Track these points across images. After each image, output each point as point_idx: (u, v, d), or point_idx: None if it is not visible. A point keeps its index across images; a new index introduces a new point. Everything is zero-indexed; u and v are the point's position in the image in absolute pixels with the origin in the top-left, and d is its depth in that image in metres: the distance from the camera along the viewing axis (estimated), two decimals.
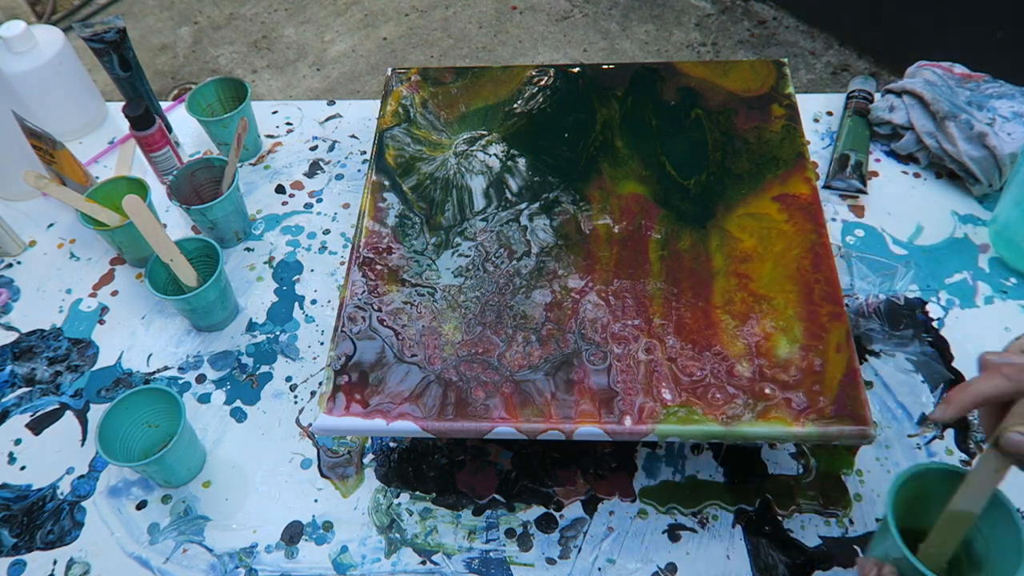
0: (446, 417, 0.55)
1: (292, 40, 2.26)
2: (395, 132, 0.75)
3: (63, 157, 0.80)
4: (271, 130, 0.93)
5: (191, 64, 2.23)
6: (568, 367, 0.57)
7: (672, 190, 0.68)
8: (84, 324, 0.77)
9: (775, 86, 0.75)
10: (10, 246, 0.83)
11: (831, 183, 0.80)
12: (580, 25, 2.19)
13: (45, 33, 0.90)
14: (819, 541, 0.59)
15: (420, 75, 0.80)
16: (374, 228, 0.68)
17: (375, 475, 0.65)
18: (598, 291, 0.61)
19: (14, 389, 0.73)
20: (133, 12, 2.40)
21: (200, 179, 0.81)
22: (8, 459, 0.68)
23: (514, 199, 0.69)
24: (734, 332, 0.58)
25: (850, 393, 0.54)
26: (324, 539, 0.62)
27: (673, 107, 0.75)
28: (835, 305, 0.59)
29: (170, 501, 0.65)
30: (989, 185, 0.77)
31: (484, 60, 2.13)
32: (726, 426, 0.53)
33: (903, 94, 0.82)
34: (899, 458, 0.63)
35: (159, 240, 0.71)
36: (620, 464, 0.64)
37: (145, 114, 0.79)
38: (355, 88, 2.11)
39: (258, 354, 0.73)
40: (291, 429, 0.68)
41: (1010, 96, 0.78)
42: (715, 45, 2.09)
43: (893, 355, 0.68)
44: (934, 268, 0.74)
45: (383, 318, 0.61)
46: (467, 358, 0.58)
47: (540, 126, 0.75)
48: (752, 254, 0.63)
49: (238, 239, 0.82)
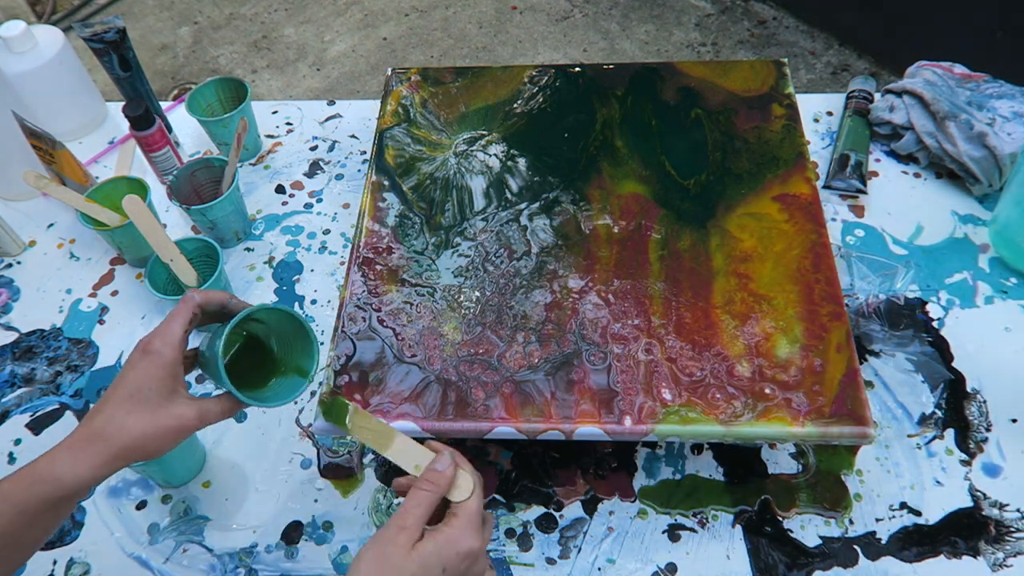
0: (446, 417, 0.55)
1: (292, 40, 2.26)
2: (395, 132, 0.75)
3: (63, 157, 0.80)
4: (271, 130, 0.93)
5: (191, 64, 2.23)
6: (568, 367, 0.57)
7: (672, 190, 0.68)
8: (84, 324, 0.77)
9: (775, 86, 0.75)
10: (10, 246, 0.83)
11: (831, 183, 0.80)
12: (580, 25, 2.19)
13: (45, 33, 0.90)
14: (819, 541, 0.59)
15: (420, 75, 0.80)
16: (374, 228, 0.67)
17: (375, 475, 0.65)
18: (598, 291, 0.61)
19: (14, 389, 0.73)
20: (133, 12, 2.40)
21: (200, 179, 0.81)
22: (8, 459, 0.68)
23: (514, 199, 0.69)
24: (734, 332, 0.58)
25: (850, 393, 0.54)
26: (324, 539, 0.62)
27: (673, 107, 0.75)
28: (835, 305, 0.59)
29: (170, 501, 0.65)
30: (989, 185, 0.77)
31: (484, 60, 2.13)
32: (726, 426, 0.53)
33: (903, 94, 0.82)
34: (899, 458, 0.63)
35: (159, 240, 0.71)
36: (620, 464, 0.64)
37: (145, 114, 0.79)
38: (355, 88, 2.11)
39: None
40: (291, 429, 0.68)
41: (1010, 96, 0.78)
42: (715, 45, 2.09)
43: (893, 355, 0.68)
44: (934, 268, 0.74)
45: (383, 318, 0.61)
46: (467, 358, 0.58)
47: (540, 126, 0.75)
48: (752, 254, 0.63)
49: (238, 239, 0.82)
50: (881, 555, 0.58)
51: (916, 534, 0.59)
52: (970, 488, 0.61)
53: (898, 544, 0.59)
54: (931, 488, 0.61)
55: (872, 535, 0.59)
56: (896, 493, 0.61)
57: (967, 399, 0.65)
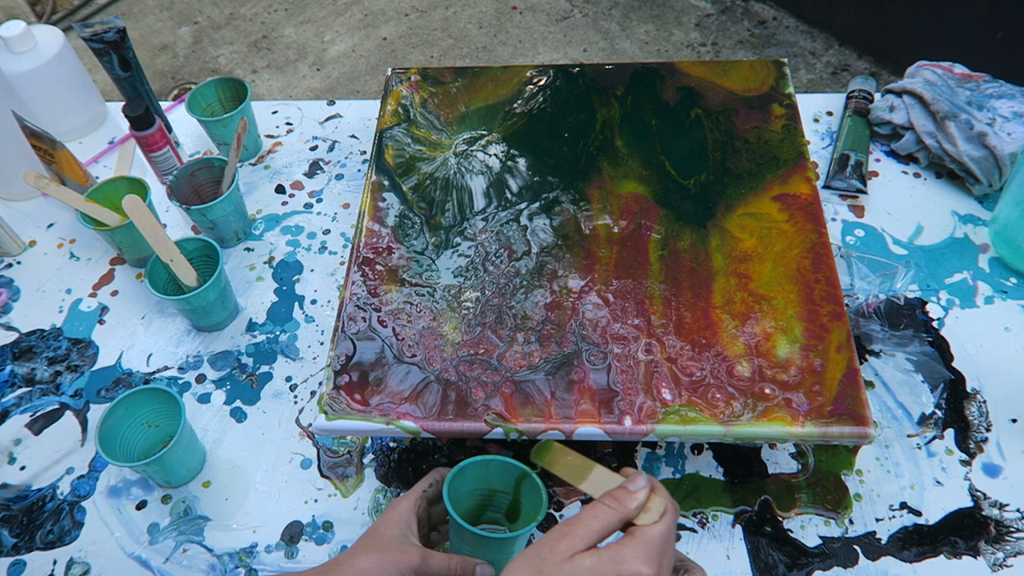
0: (446, 417, 0.55)
1: (292, 40, 2.26)
2: (395, 132, 0.75)
3: (63, 157, 0.80)
4: (271, 130, 0.93)
5: (191, 64, 2.23)
6: (568, 367, 0.57)
7: (672, 190, 0.68)
8: (84, 324, 0.77)
9: (775, 86, 0.75)
10: (10, 246, 0.83)
11: (831, 183, 0.80)
12: (580, 25, 2.19)
13: (45, 33, 0.90)
14: (819, 541, 0.59)
15: (420, 75, 0.80)
16: (374, 228, 0.67)
17: (375, 475, 0.65)
18: (598, 291, 0.61)
19: (14, 389, 0.73)
20: (133, 12, 2.40)
21: (200, 179, 0.81)
22: (8, 459, 0.68)
23: (514, 199, 0.69)
24: (734, 332, 0.58)
25: (850, 393, 0.54)
26: (324, 539, 0.62)
27: (673, 107, 0.75)
28: (835, 305, 0.59)
29: (170, 501, 0.65)
30: (989, 185, 0.77)
31: (484, 60, 2.13)
32: (726, 426, 0.53)
33: (903, 94, 0.82)
34: (899, 458, 0.63)
35: (159, 240, 0.71)
36: (620, 464, 0.64)
37: (145, 114, 0.79)
38: (355, 88, 2.11)
39: (258, 354, 0.73)
40: (291, 429, 0.68)
41: (1010, 96, 0.78)
42: (715, 45, 2.09)
43: (893, 355, 0.68)
44: (934, 268, 0.74)
45: (383, 319, 0.61)
46: (467, 358, 0.58)
47: (540, 126, 0.75)
48: (752, 254, 0.63)
49: (238, 239, 0.82)
50: (881, 555, 0.58)
51: (916, 534, 0.59)
52: (970, 488, 0.61)
53: (898, 544, 0.59)
54: (931, 488, 0.61)
55: (872, 535, 0.59)
56: (896, 493, 0.61)
57: (967, 399, 0.65)
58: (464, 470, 0.52)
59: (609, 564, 0.41)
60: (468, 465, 0.52)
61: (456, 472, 0.52)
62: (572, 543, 0.41)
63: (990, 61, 0.94)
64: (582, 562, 0.41)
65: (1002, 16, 1.63)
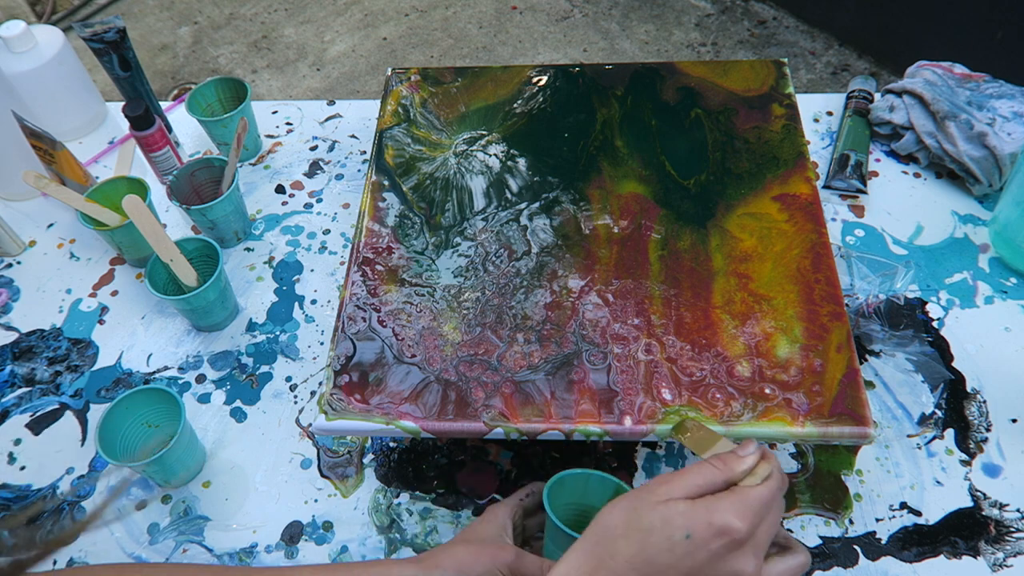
0: (446, 417, 0.55)
1: (292, 40, 2.26)
2: (395, 132, 0.75)
3: (63, 157, 0.80)
4: (271, 130, 0.93)
5: (191, 64, 2.23)
6: (568, 367, 0.57)
7: (672, 190, 0.68)
8: (84, 324, 0.77)
9: (775, 86, 0.75)
10: (10, 246, 0.83)
11: (831, 183, 0.80)
12: (580, 25, 2.19)
13: (45, 33, 0.90)
14: (819, 541, 0.59)
15: (420, 75, 0.80)
16: (374, 228, 0.67)
17: (375, 475, 0.65)
18: (598, 291, 0.61)
19: (14, 389, 0.73)
20: (133, 12, 2.40)
21: (200, 179, 0.81)
22: (8, 459, 0.68)
23: (514, 199, 0.69)
24: (734, 332, 0.58)
25: (850, 393, 0.54)
26: (324, 539, 0.62)
27: (673, 107, 0.75)
28: (835, 305, 0.59)
29: (170, 501, 0.65)
30: (989, 185, 0.77)
31: (484, 60, 2.13)
32: (726, 426, 0.53)
33: (903, 94, 0.82)
34: (899, 458, 0.63)
35: (159, 240, 0.71)
36: (620, 464, 0.64)
37: (145, 114, 0.79)
38: (355, 88, 2.11)
39: (258, 354, 0.73)
40: (291, 429, 0.68)
41: (1010, 96, 0.78)
42: (715, 45, 2.09)
43: (893, 355, 0.68)
44: (934, 268, 0.74)
45: (383, 319, 0.61)
46: (467, 358, 0.58)
47: (540, 126, 0.75)
48: (752, 254, 0.63)
49: (238, 239, 0.82)
50: (881, 555, 0.58)
51: (916, 534, 0.59)
52: (970, 488, 0.61)
53: (898, 544, 0.59)
54: (931, 488, 0.61)
55: (872, 535, 0.59)
56: (896, 493, 0.61)
57: (967, 399, 0.65)
58: (564, 480, 0.52)
59: (703, 512, 0.41)
60: (568, 476, 0.52)
61: (556, 481, 0.52)
62: (671, 489, 0.43)
63: (990, 61, 0.94)
64: (676, 507, 0.42)
65: (1002, 16, 1.63)
